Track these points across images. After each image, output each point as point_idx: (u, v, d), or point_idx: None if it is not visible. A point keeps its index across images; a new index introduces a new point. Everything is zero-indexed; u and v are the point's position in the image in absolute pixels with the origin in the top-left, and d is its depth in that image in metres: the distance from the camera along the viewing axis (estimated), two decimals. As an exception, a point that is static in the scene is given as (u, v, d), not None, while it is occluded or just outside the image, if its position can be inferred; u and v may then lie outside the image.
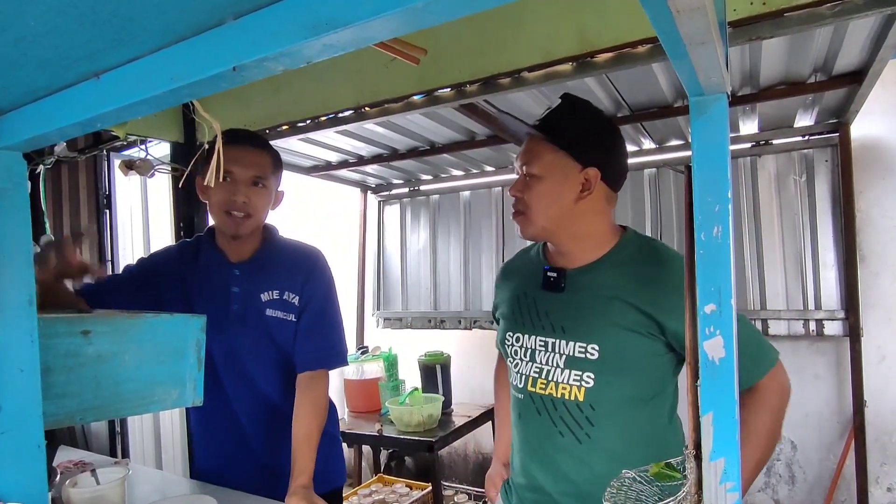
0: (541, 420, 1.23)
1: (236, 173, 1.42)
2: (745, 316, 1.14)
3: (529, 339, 1.26)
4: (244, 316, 1.50)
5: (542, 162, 1.19)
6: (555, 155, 1.18)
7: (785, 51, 1.84)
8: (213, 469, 1.57)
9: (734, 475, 0.63)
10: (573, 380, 1.18)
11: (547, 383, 1.21)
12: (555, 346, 1.21)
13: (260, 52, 0.52)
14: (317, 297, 1.55)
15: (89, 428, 3.07)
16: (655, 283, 1.14)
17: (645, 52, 1.52)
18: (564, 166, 1.18)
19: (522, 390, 1.27)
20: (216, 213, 1.46)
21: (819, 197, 2.72)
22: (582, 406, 1.18)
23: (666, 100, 2.28)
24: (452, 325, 3.65)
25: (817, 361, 2.79)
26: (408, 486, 3.20)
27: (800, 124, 2.62)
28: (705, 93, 0.65)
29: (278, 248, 1.58)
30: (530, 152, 1.22)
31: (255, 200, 1.45)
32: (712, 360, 0.63)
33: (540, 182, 1.19)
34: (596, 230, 1.23)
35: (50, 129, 0.73)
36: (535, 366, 1.24)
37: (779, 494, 2.92)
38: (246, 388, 1.52)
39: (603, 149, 1.21)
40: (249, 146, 1.47)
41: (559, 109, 1.23)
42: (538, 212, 1.20)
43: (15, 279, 0.81)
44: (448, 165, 3.42)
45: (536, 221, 1.21)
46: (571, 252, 1.24)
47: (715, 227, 0.63)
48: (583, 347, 1.17)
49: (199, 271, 1.54)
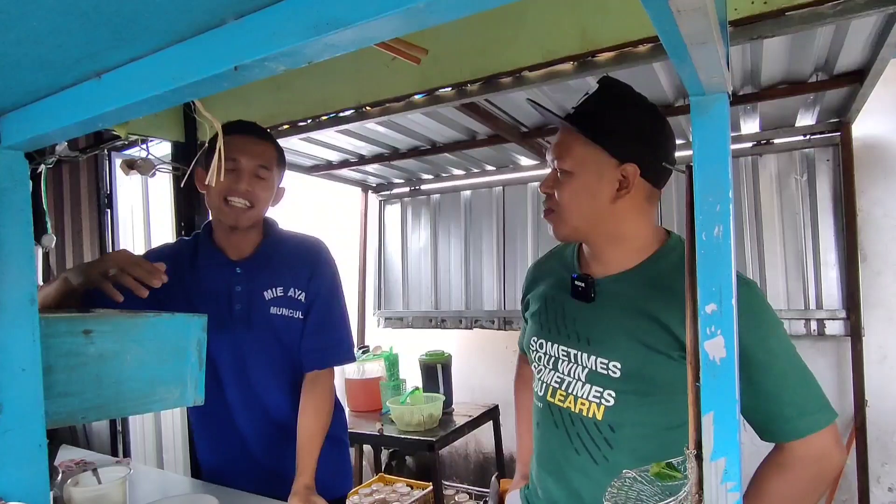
0: (558, 433, 1.15)
1: (241, 162, 1.39)
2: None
3: (553, 346, 1.17)
4: (249, 316, 1.46)
5: (574, 157, 1.08)
6: (587, 149, 1.06)
7: (786, 50, 1.83)
8: (215, 470, 1.55)
9: (735, 475, 0.63)
10: (593, 396, 1.09)
11: (566, 396, 1.13)
12: (578, 357, 1.12)
13: (261, 52, 0.52)
14: (323, 293, 1.51)
15: (90, 427, 3.08)
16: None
17: (646, 51, 1.52)
18: (599, 162, 1.06)
19: (542, 399, 1.19)
20: (216, 201, 1.42)
21: (820, 196, 2.71)
22: (600, 426, 1.09)
23: (667, 99, 2.28)
24: (453, 325, 3.65)
25: (818, 361, 2.78)
26: (409, 486, 3.20)
27: (801, 123, 2.61)
28: (706, 92, 0.64)
29: (280, 243, 1.54)
30: (561, 145, 1.10)
31: (258, 191, 1.42)
32: (713, 359, 0.63)
33: (572, 179, 1.08)
34: (635, 233, 1.11)
35: (51, 129, 0.73)
36: (557, 375, 1.16)
37: (780, 494, 2.91)
38: (249, 391, 1.48)
39: (643, 142, 1.07)
40: (256, 136, 1.45)
41: (595, 96, 1.10)
42: (570, 211, 1.09)
43: (17, 278, 0.82)
44: (449, 165, 3.42)
45: (569, 221, 1.10)
46: (607, 256, 1.13)
47: (716, 226, 0.63)
48: (605, 363, 1.07)
49: (198, 271, 1.49)
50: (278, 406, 1.50)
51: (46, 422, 0.85)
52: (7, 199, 0.81)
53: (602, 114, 1.08)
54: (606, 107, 1.09)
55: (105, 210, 3.00)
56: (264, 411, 1.49)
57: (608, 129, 1.06)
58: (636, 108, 1.09)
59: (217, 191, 1.40)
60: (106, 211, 2.99)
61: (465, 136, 2.82)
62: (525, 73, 1.70)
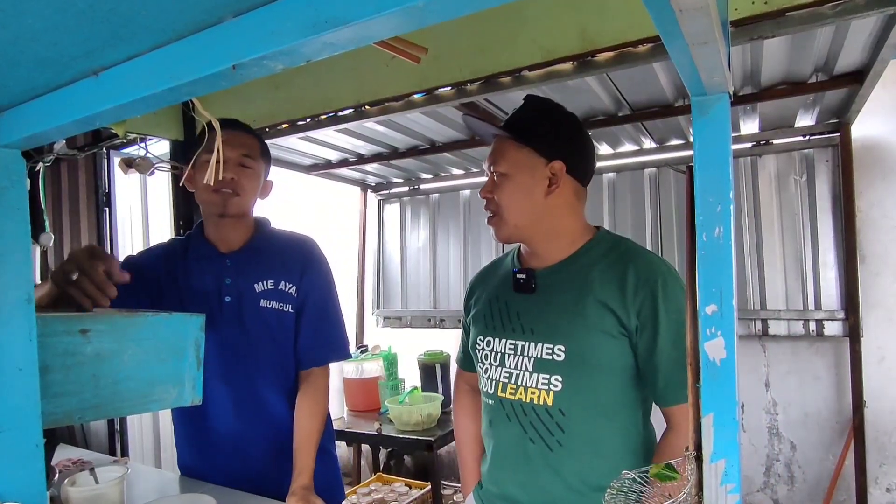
0: (511, 426, 1.20)
1: (224, 153, 1.39)
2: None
3: (500, 342, 1.24)
4: (239, 309, 1.45)
5: (508, 160, 1.21)
6: (520, 152, 1.20)
7: (786, 50, 1.83)
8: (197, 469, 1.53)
9: (735, 476, 0.63)
10: (542, 383, 1.16)
11: (517, 388, 1.19)
12: (524, 349, 1.19)
13: (259, 51, 0.51)
14: (317, 289, 1.52)
15: (89, 427, 3.07)
16: (625, 281, 1.12)
17: (646, 51, 1.52)
18: (530, 161, 1.19)
19: (493, 396, 1.24)
20: (204, 194, 1.44)
21: (819, 196, 2.72)
22: (551, 411, 1.15)
23: (667, 99, 2.27)
24: (452, 325, 3.65)
25: (817, 362, 2.79)
26: (407, 486, 3.20)
27: (800, 124, 2.62)
28: (707, 93, 0.64)
29: (271, 237, 1.55)
30: (497, 152, 1.23)
31: (243, 180, 1.44)
32: (713, 360, 0.62)
33: (508, 180, 1.20)
34: (568, 227, 1.22)
35: (48, 127, 0.73)
36: (505, 370, 1.22)
37: (778, 494, 2.92)
38: (238, 386, 1.46)
39: (566, 142, 1.21)
40: (239, 129, 1.47)
41: (522, 109, 1.25)
42: (510, 210, 1.20)
43: (13, 277, 0.81)
44: (448, 164, 3.42)
45: (509, 220, 1.21)
46: (544, 251, 1.24)
47: (716, 227, 0.63)
48: (550, 348, 1.15)
49: (189, 265, 1.50)
50: (268, 402, 1.48)
51: (43, 422, 0.84)
52: (4, 198, 0.80)
53: (529, 120, 1.23)
54: (533, 115, 1.24)
55: (103, 209, 2.98)
56: (254, 407, 1.47)
57: (535, 132, 1.20)
58: (559, 114, 1.24)
59: (203, 181, 1.41)
60: (104, 210, 2.98)
61: (464, 136, 2.82)
62: (524, 73, 1.70)
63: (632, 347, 1.13)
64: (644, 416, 1.20)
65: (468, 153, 3.08)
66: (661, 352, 1.10)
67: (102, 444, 3.01)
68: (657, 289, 1.10)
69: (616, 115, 2.45)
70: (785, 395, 2.88)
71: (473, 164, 3.39)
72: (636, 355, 1.14)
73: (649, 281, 1.11)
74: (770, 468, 2.93)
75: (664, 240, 3.06)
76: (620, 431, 1.16)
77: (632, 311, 1.11)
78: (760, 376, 2.91)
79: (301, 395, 1.47)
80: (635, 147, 3.01)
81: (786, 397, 2.88)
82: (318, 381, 1.49)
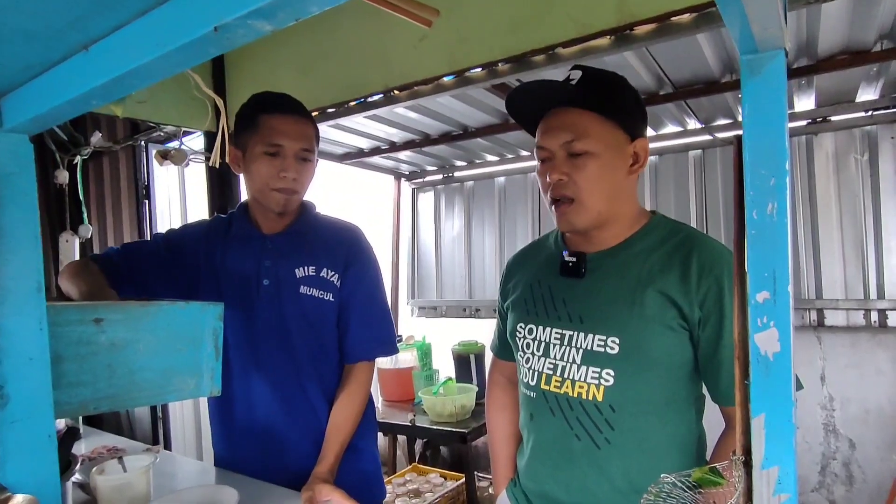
0: (555, 421, 1.11)
1: (286, 147, 1.32)
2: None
3: (544, 331, 1.14)
4: (277, 293, 1.39)
5: (594, 135, 1.04)
6: (605, 127, 1.04)
7: (847, 16, 1.68)
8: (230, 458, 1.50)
9: (790, 486, 0.55)
10: (591, 377, 1.06)
11: (562, 381, 1.10)
12: (572, 339, 1.10)
13: (242, 8, 0.46)
14: (366, 281, 1.45)
15: (134, 415, 3.16)
16: (688, 270, 1.03)
17: (689, 20, 1.41)
18: (616, 139, 1.05)
19: (535, 388, 1.15)
20: (261, 189, 1.36)
21: (883, 178, 2.54)
22: (601, 407, 1.06)
23: (712, 75, 2.14)
24: (487, 315, 3.59)
25: (879, 355, 2.61)
26: (442, 477, 3.17)
27: (862, 98, 2.44)
28: (759, 49, 0.56)
29: (315, 223, 1.48)
30: (573, 127, 1.04)
31: (303, 176, 1.37)
32: (765, 354, 0.54)
33: (594, 159, 1.04)
34: (629, 210, 1.11)
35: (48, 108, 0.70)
36: (549, 361, 1.12)
37: (834, 495, 2.76)
38: (273, 373, 1.41)
39: (643, 118, 1.12)
40: (297, 115, 1.38)
41: (586, 80, 1.06)
42: (594, 195, 1.05)
43: (23, 266, 0.79)
44: (482, 150, 3.35)
45: (593, 205, 1.05)
46: (601, 235, 1.11)
47: (770, 203, 0.54)
48: (602, 340, 1.05)
49: (229, 243, 1.45)
50: (304, 392, 1.43)
51: (57, 412, 0.83)
52: (12, 184, 0.79)
53: (611, 92, 1.07)
54: (609, 87, 1.08)
55: (143, 201, 3.06)
56: (288, 397, 1.43)
57: (621, 106, 1.07)
58: (631, 89, 1.11)
59: (263, 178, 1.34)
60: (144, 202, 3.05)
61: (497, 120, 2.74)
62: (558, 50, 1.61)
63: (692, 342, 1.04)
64: (697, 416, 1.12)
65: (502, 138, 3.00)
66: (725, 346, 1.01)
67: (146, 433, 3.09)
68: (723, 278, 1.01)
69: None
70: (843, 389, 2.71)
71: (508, 149, 3.31)
72: (696, 350, 1.05)
73: (714, 270, 1.01)
74: (826, 467, 2.76)
75: (710, 229, 2.92)
76: (672, 431, 1.08)
77: (695, 302, 1.01)
78: (816, 370, 2.75)
79: (341, 387, 1.43)
80: (679, 128, 2.87)
81: (844, 392, 2.71)
82: (360, 375, 1.45)
